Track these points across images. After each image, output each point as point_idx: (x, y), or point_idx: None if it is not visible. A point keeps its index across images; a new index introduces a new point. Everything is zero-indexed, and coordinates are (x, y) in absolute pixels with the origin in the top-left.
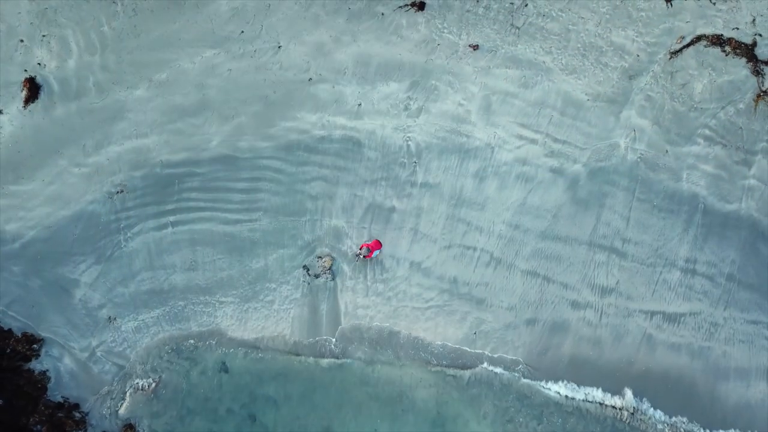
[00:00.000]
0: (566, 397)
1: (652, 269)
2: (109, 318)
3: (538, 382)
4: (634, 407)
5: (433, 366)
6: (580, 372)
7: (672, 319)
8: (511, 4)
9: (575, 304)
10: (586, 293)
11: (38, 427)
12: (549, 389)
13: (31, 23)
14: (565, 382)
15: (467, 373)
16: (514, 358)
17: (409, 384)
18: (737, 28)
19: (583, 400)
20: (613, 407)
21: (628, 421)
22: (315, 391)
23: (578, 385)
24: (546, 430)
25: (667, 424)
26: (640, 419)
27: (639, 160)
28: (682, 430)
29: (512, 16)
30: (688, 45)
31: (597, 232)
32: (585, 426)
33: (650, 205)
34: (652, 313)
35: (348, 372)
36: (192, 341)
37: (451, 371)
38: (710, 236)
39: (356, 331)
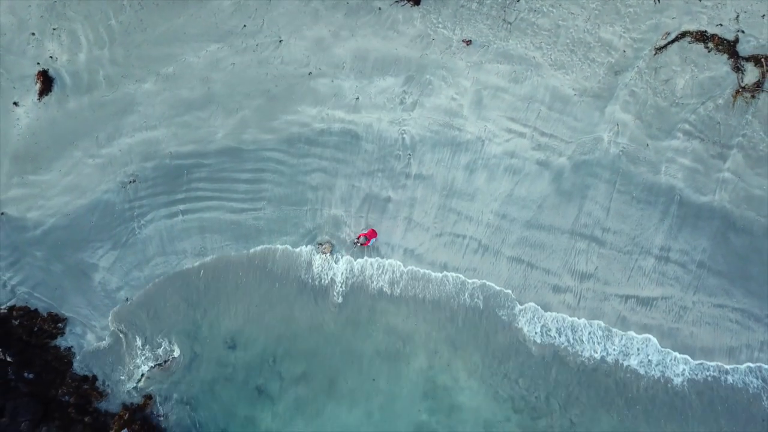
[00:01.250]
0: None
1: (628, 256)
2: (127, 299)
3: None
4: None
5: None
6: None
7: (645, 302)
8: None
9: (556, 288)
10: (566, 278)
11: (66, 397)
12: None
13: (42, 16)
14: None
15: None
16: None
17: (410, 336)
18: (721, 25)
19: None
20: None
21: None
22: (322, 346)
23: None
24: (527, 382)
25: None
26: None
27: (621, 153)
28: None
29: (504, 11)
30: (672, 41)
31: (579, 222)
32: (564, 376)
33: (629, 197)
34: (627, 297)
35: (353, 327)
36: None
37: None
38: (684, 226)
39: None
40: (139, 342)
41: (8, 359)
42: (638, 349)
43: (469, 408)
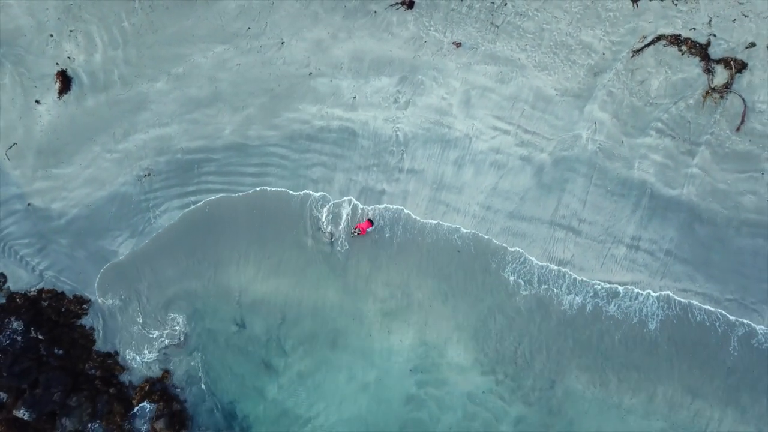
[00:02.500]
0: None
1: (602, 245)
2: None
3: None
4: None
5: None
6: None
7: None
8: (492, 3)
9: None
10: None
11: (93, 371)
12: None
13: (59, 18)
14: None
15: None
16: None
17: (405, 286)
18: (694, 29)
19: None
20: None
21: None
22: (325, 303)
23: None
24: (513, 335)
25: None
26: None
27: (598, 150)
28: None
29: (492, 15)
30: (649, 44)
31: (557, 213)
32: (547, 327)
33: (605, 190)
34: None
35: (354, 283)
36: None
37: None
38: (654, 217)
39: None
40: (141, 318)
41: (40, 337)
42: (622, 295)
43: (455, 381)
